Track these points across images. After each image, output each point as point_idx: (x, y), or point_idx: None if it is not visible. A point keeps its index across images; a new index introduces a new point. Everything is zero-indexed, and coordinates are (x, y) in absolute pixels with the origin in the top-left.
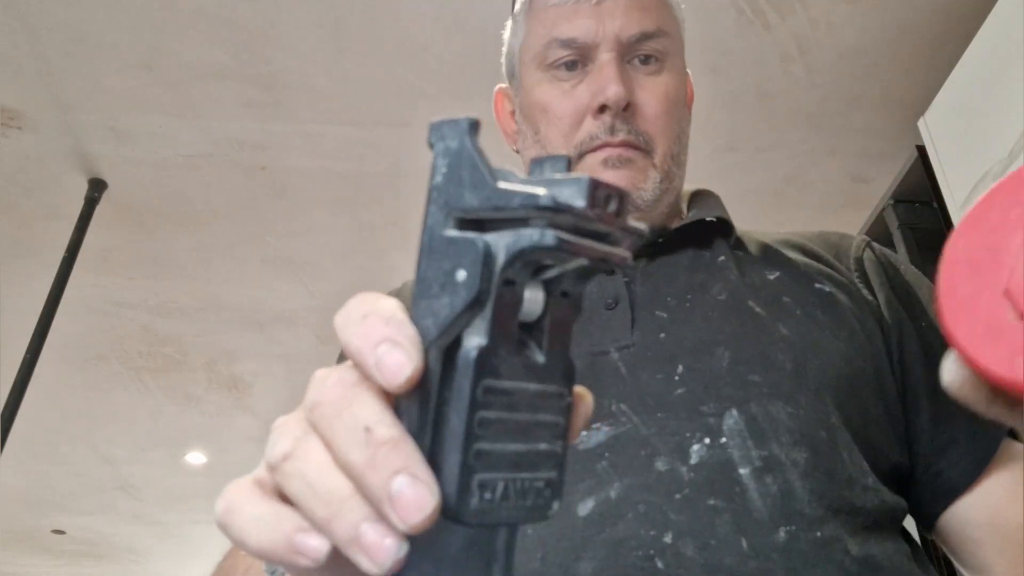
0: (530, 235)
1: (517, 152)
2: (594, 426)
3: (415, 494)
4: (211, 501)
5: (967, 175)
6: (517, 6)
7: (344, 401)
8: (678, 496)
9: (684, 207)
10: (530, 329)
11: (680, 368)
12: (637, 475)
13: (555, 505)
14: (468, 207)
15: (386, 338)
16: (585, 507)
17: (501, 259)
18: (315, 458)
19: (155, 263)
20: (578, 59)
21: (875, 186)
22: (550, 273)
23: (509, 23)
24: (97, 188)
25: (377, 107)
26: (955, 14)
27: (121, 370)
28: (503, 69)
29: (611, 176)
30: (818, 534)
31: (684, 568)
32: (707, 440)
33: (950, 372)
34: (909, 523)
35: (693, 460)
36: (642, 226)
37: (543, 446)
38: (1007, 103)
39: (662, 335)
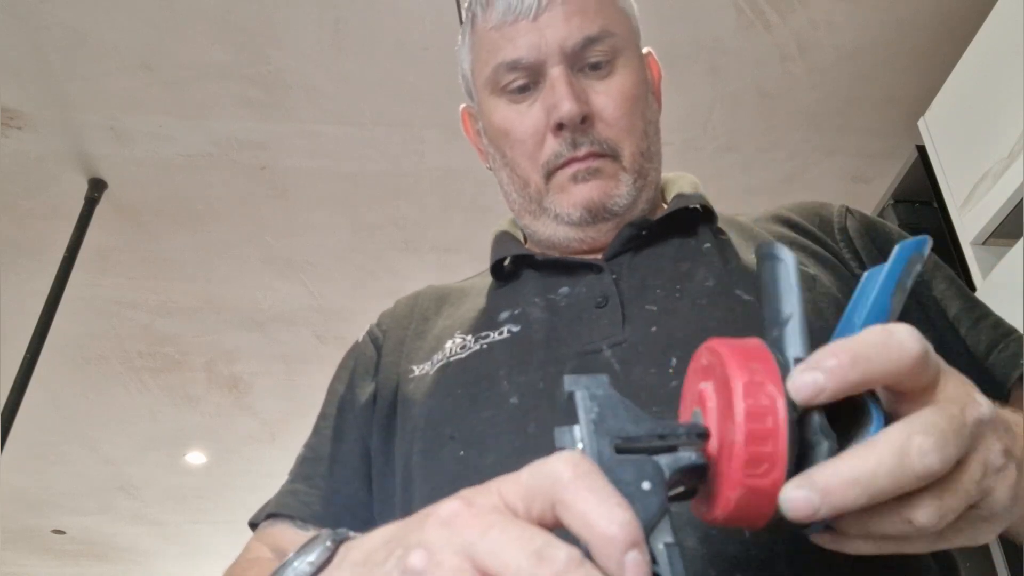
0: (688, 456)
1: (491, 170)
2: None
3: None
4: (211, 501)
5: (967, 175)
6: (462, 28)
7: (523, 532)
8: None
9: (666, 195)
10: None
11: (673, 361)
12: None
13: None
14: (630, 435)
15: (636, 544)
16: None
17: (667, 473)
18: None
19: (155, 263)
20: (528, 81)
21: (875, 186)
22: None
23: (459, 41)
24: (97, 188)
25: (377, 107)
26: (955, 14)
27: (121, 370)
28: (462, 89)
29: (583, 190)
30: None
31: (685, 560)
32: None
33: None
34: None
35: None
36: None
37: None
38: (1007, 103)
39: (653, 328)
